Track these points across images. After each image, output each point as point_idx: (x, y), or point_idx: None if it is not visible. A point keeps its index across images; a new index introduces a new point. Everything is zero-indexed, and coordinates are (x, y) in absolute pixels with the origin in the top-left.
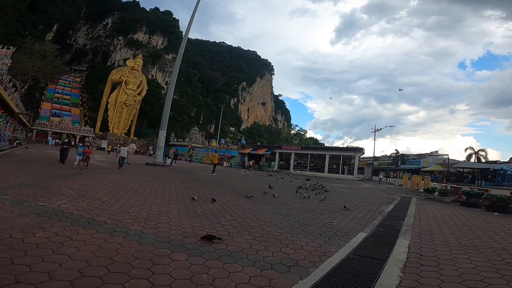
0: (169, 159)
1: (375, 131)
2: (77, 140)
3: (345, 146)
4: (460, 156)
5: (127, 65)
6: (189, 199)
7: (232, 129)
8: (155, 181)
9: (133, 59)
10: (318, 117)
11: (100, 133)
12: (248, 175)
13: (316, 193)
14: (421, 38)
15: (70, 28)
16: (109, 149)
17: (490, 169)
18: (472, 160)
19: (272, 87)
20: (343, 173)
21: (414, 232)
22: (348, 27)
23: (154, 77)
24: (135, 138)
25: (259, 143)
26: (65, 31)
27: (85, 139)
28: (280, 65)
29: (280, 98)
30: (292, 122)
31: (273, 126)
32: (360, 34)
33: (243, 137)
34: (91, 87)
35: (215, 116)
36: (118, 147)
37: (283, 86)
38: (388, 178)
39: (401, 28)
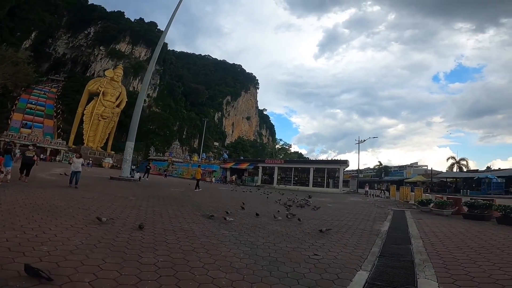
0: (138, 173)
1: (359, 143)
2: (48, 154)
3: (329, 159)
4: (439, 167)
5: (106, 76)
6: (124, 221)
7: (216, 144)
8: (98, 197)
9: (113, 69)
10: (303, 131)
11: (73, 146)
12: (225, 191)
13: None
14: (398, 51)
15: (49, 37)
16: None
17: (475, 178)
18: (454, 169)
19: (257, 101)
20: (328, 186)
21: (434, 263)
22: (330, 42)
23: (135, 89)
24: (112, 152)
25: (242, 157)
26: (44, 39)
27: (29, 147)
28: (265, 79)
29: (265, 112)
30: (277, 136)
31: (258, 140)
32: (342, 49)
33: (225, 152)
34: (67, 98)
35: (199, 130)
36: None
37: (268, 100)
38: (374, 191)
39: (379, 42)
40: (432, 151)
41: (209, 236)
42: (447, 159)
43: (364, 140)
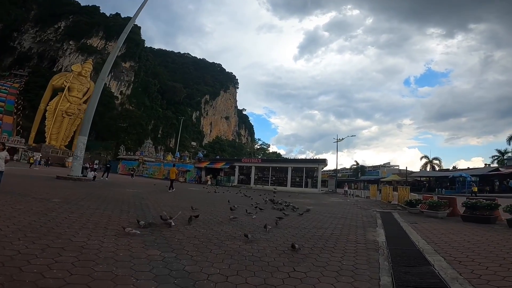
0: (92, 172)
1: (337, 141)
2: None
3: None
4: (409, 167)
5: (72, 70)
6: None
7: (193, 143)
8: (8, 199)
9: (82, 64)
10: (282, 132)
11: (34, 144)
12: (195, 191)
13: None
14: (374, 55)
15: (15, 30)
16: (31, 161)
17: (449, 177)
18: (428, 168)
19: (236, 101)
20: (306, 186)
21: None
22: (310, 44)
23: (107, 85)
24: None
25: (218, 157)
26: (9, 33)
27: None
28: (246, 79)
29: (244, 112)
30: (256, 137)
31: (237, 140)
32: (321, 51)
33: (200, 151)
34: (31, 94)
35: (175, 129)
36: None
37: (247, 101)
38: (353, 190)
39: (357, 46)
40: (402, 152)
41: (121, 260)
42: (421, 158)
43: (343, 139)
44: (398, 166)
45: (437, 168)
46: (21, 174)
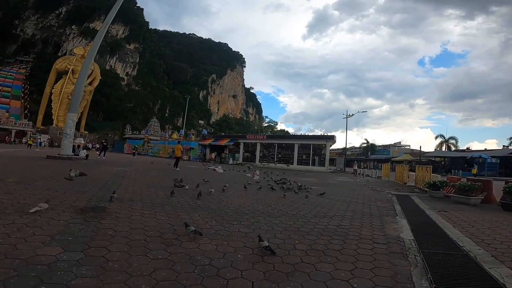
0: (83, 150)
1: (347, 117)
2: (13, 135)
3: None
4: (422, 147)
5: (75, 53)
6: None
7: (201, 122)
8: None
9: (84, 47)
10: (290, 110)
11: (42, 127)
12: (192, 169)
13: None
14: (386, 35)
15: (15, 18)
16: (30, 143)
17: (468, 157)
18: (443, 148)
19: (244, 79)
20: (313, 164)
21: None
22: (319, 23)
23: (112, 68)
24: (86, 132)
25: (223, 133)
26: (10, 20)
27: None
28: (253, 59)
29: (251, 91)
30: (264, 115)
31: (244, 118)
32: (331, 30)
33: (205, 128)
34: (37, 79)
35: (183, 108)
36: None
37: (255, 80)
38: (363, 169)
39: (368, 26)
40: (413, 132)
41: None
42: (436, 137)
43: (353, 115)
44: (409, 146)
45: (453, 149)
46: (14, 155)
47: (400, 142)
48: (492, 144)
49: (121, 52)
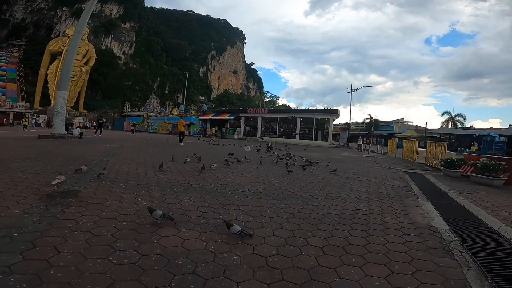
0: (77, 128)
1: (351, 91)
2: (11, 117)
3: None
4: (423, 124)
5: (68, 34)
6: None
7: (201, 97)
8: None
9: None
10: (292, 85)
11: (40, 108)
12: (189, 145)
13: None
14: (393, 13)
15: (3, 3)
16: (25, 123)
17: (475, 135)
18: (449, 126)
19: (244, 55)
20: (316, 139)
21: None
22: None
23: (108, 47)
24: (85, 111)
25: (223, 108)
26: None
27: None
28: (254, 35)
29: (252, 66)
30: (265, 90)
31: (246, 94)
32: (334, 7)
33: (205, 103)
34: (31, 61)
35: (183, 85)
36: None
37: (257, 56)
38: (368, 145)
39: (374, 3)
40: (417, 109)
41: None
42: (442, 114)
43: (358, 89)
44: (412, 122)
45: (459, 126)
46: (7, 136)
47: (403, 118)
48: (495, 123)
49: (117, 32)
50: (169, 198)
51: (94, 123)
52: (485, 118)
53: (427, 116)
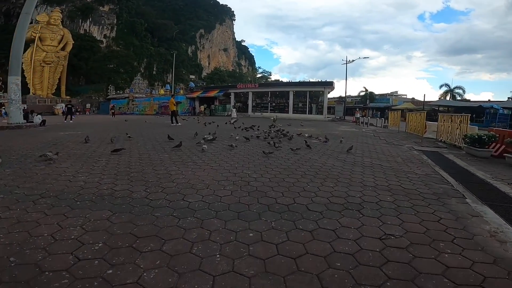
0: (38, 116)
1: (346, 63)
2: None
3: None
4: (418, 97)
5: (38, 21)
6: None
7: (192, 76)
8: None
9: (48, 14)
10: (284, 61)
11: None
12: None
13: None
14: None
15: None
16: None
17: (476, 107)
18: (448, 98)
19: (234, 33)
20: (310, 112)
21: None
22: None
23: (87, 32)
24: (68, 97)
25: (212, 85)
26: None
27: None
28: (244, 12)
29: (243, 43)
30: (257, 66)
31: (237, 71)
32: None
33: (192, 81)
34: (5, 51)
35: (171, 65)
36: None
37: (247, 33)
38: (367, 118)
39: None
40: (410, 83)
41: None
42: (440, 87)
43: (353, 60)
44: (406, 95)
45: (458, 98)
46: None
47: (396, 91)
48: (487, 96)
49: (95, 15)
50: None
51: (65, 109)
52: (477, 92)
53: (420, 89)
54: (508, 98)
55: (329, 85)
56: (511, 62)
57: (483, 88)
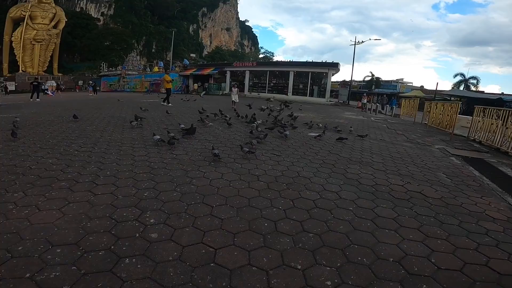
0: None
1: (355, 44)
2: None
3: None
4: (425, 86)
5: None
6: None
7: (193, 55)
8: None
9: None
10: (289, 44)
11: (9, 74)
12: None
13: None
14: None
15: None
16: None
17: (494, 99)
18: (461, 88)
19: (238, 12)
20: (311, 95)
21: None
22: None
23: (84, 9)
24: (60, 74)
25: (203, 61)
26: None
27: None
28: None
29: (247, 23)
30: (260, 46)
31: (240, 50)
32: None
33: (187, 59)
34: None
35: (171, 43)
36: None
37: (252, 14)
38: (377, 104)
39: None
40: (417, 71)
41: None
42: (454, 76)
43: (363, 42)
44: (412, 83)
45: (473, 88)
46: None
47: (402, 79)
48: (494, 89)
49: None
50: None
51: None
52: (484, 84)
53: (426, 78)
54: None
55: (334, 66)
56: None
57: (490, 81)
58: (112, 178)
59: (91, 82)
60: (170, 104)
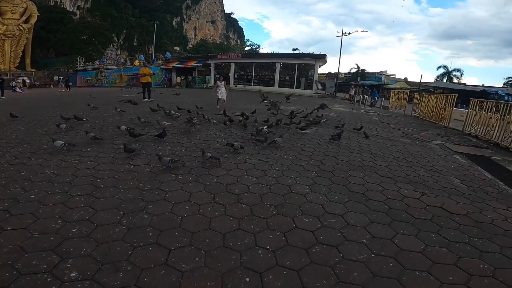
0: None
1: (342, 35)
2: None
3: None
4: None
5: None
6: None
7: (177, 48)
8: None
9: None
10: (275, 36)
11: None
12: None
13: None
14: None
15: None
16: None
17: (477, 91)
18: (444, 80)
19: (223, 4)
20: (298, 87)
21: None
22: None
23: (58, 3)
24: (33, 70)
25: (188, 54)
26: None
27: None
28: None
29: (232, 16)
30: (246, 39)
31: (225, 43)
32: None
33: (169, 52)
34: None
35: (153, 36)
36: None
37: (238, 6)
38: (367, 97)
39: None
40: (399, 64)
41: None
42: (437, 68)
43: (350, 33)
44: (395, 75)
45: (455, 81)
46: None
47: (386, 71)
48: (472, 81)
49: None
50: None
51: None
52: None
53: (408, 70)
54: (504, 84)
55: (321, 58)
56: (500, 50)
57: (468, 73)
58: (35, 205)
59: (61, 77)
60: (151, 99)
